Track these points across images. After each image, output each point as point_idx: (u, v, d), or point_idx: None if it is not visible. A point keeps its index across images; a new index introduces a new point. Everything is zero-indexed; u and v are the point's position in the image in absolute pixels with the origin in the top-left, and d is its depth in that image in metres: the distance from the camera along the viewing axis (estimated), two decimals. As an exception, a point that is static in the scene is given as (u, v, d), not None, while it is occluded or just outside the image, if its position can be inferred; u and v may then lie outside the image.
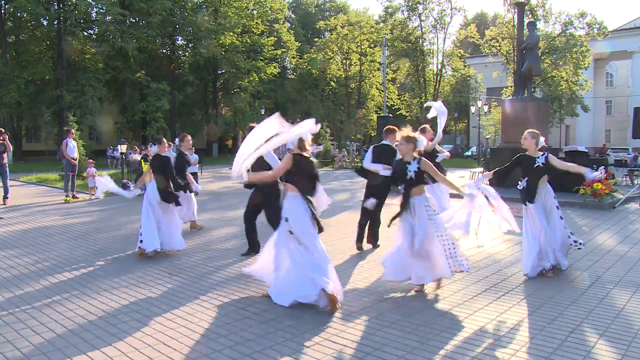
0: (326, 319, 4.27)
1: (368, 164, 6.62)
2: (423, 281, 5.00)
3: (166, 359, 3.51)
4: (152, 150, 7.57)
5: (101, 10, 33.62)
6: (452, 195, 7.95)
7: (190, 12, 38.83)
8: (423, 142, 5.10)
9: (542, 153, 5.67)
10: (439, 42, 43.79)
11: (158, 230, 6.53)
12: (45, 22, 33.97)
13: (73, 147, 13.20)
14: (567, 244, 5.76)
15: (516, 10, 23.77)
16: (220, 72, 43.79)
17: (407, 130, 5.25)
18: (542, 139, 5.75)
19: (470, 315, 4.34)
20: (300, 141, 4.70)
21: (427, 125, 7.67)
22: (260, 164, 5.52)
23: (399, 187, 5.05)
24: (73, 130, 14.36)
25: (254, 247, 6.64)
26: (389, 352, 3.61)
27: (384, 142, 6.83)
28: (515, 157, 5.81)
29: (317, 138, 36.35)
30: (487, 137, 37.07)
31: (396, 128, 6.64)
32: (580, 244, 5.73)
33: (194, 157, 14.23)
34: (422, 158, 4.99)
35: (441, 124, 7.64)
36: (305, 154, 4.77)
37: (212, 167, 28.35)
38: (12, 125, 32.04)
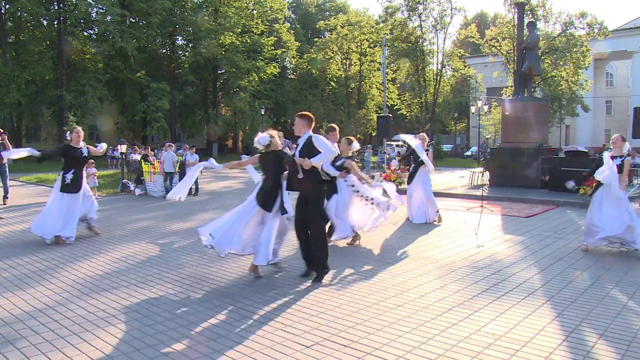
0: (326, 319, 4.27)
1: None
2: None
3: (166, 359, 3.52)
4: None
5: (101, 10, 33.58)
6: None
7: (190, 12, 38.84)
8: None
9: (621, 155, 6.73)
10: (439, 42, 43.85)
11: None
12: (45, 22, 33.93)
13: None
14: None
15: (516, 10, 23.74)
16: (220, 72, 43.77)
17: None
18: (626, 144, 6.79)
19: (470, 315, 4.34)
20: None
21: (333, 125, 7.25)
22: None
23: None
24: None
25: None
26: (389, 352, 3.61)
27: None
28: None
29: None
30: (487, 137, 37.03)
31: None
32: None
33: (194, 157, 14.33)
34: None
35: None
36: None
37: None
38: (12, 125, 32.01)
